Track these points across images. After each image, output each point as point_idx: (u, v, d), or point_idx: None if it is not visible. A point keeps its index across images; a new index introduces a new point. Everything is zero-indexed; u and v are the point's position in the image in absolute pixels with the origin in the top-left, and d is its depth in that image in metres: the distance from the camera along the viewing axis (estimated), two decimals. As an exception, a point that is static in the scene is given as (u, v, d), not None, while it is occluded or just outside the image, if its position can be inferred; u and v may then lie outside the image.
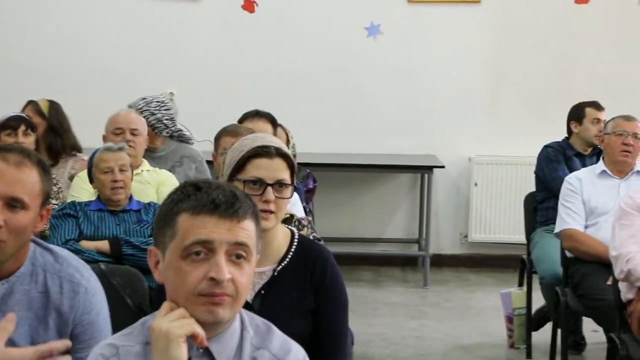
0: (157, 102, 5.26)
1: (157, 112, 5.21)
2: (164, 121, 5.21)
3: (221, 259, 1.82)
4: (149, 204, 4.23)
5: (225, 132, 4.21)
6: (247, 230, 1.87)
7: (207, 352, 1.87)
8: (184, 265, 1.83)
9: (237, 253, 1.85)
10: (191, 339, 1.83)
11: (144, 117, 5.03)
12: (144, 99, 5.27)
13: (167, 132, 5.25)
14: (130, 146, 4.51)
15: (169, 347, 1.79)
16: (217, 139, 4.26)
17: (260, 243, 1.93)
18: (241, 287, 1.85)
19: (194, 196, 1.86)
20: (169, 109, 5.29)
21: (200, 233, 1.83)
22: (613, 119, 5.01)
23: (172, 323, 1.81)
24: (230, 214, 1.85)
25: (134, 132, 4.68)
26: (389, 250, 7.55)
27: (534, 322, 5.33)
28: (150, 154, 5.03)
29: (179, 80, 7.25)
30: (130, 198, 4.20)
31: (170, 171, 4.89)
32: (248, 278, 1.88)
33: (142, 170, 4.63)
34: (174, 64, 7.32)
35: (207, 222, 1.84)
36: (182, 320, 1.82)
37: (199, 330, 1.82)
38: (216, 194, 1.86)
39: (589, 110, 5.58)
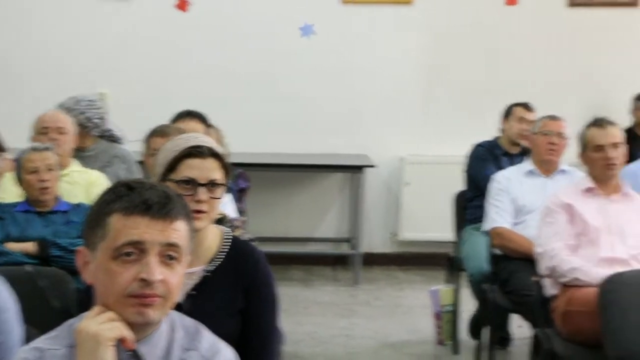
0: (87, 101, 5.21)
1: (87, 111, 5.15)
2: (94, 120, 5.16)
3: (153, 260, 1.81)
4: (78, 204, 4.18)
5: (155, 133, 4.18)
6: (179, 231, 1.86)
7: (136, 354, 1.85)
8: (115, 266, 1.81)
9: (169, 254, 1.84)
10: (120, 342, 1.81)
11: (73, 115, 4.97)
12: (73, 98, 5.21)
13: (97, 132, 5.20)
14: (57, 145, 4.46)
15: (97, 349, 1.78)
16: (147, 139, 4.23)
17: (192, 244, 1.93)
18: (172, 288, 1.84)
19: (126, 197, 1.85)
20: (98, 109, 5.25)
21: (132, 234, 1.81)
22: (540, 119, 5.11)
23: (101, 326, 1.79)
24: (162, 214, 1.84)
25: (60, 131, 4.63)
26: (320, 249, 7.57)
27: (470, 330, 5.37)
28: (79, 153, 4.97)
29: (111, 80, 7.16)
30: (59, 199, 4.16)
31: (100, 171, 4.84)
32: (179, 279, 1.87)
33: (70, 171, 4.58)
34: (106, 64, 7.22)
35: (139, 222, 1.82)
36: (112, 323, 1.80)
37: (128, 334, 1.81)
38: (149, 194, 1.85)
39: (516, 109, 5.66)
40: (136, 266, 1.81)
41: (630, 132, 6.90)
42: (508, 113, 5.70)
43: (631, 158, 5.05)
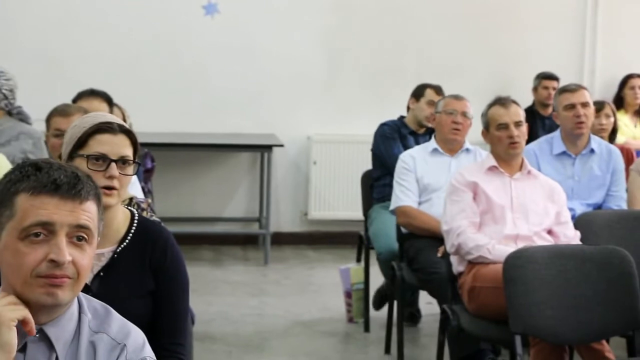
0: None
1: (1, 78, 5.03)
2: (4, 91, 5.03)
3: (62, 241, 1.79)
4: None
5: (56, 112, 4.10)
6: (88, 212, 1.84)
7: (44, 336, 1.83)
8: (22, 247, 1.79)
9: (78, 235, 1.82)
10: (21, 325, 1.79)
11: None
12: None
13: (6, 105, 5.07)
14: None
15: (0, 331, 1.76)
16: (48, 119, 4.15)
17: (101, 225, 1.91)
18: (82, 269, 1.82)
19: (33, 176, 1.81)
20: (9, 79, 5.10)
21: (40, 214, 1.79)
22: (443, 98, 5.15)
23: (3, 307, 1.77)
24: (72, 195, 1.81)
25: None
26: (229, 229, 7.56)
27: (374, 302, 5.44)
28: None
29: (8, 58, 6.98)
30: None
31: (5, 145, 4.73)
32: (89, 260, 1.85)
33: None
34: (4, 44, 7.03)
35: (47, 203, 1.79)
36: (14, 305, 1.78)
37: (30, 317, 1.79)
38: (57, 174, 1.82)
39: (428, 92, 5.59)
40: (45, 247, 1.78)
41: (531, 111, 7.06)
42: (419, 94, 5.64)
43: (532, 136, 5.16)
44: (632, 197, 4.88)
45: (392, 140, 5.54)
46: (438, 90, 5.63)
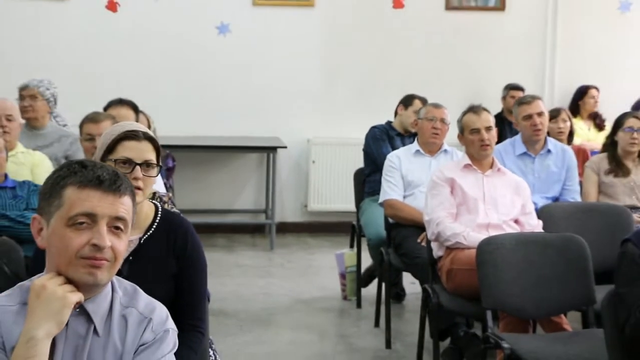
0: (47, 81, 5.20)
1: (50, 87, 5.20)
2: (54, 98, 5.16)
3: (103, 229, 1.82)
4: (23, 182, 4.10)
5: (87, 119, 4.10)
6: (125, 205, 1.87)
7: (84, 311, 1.86)
8: (69, 232, 1.81)
9: (116, 225, 1.85)
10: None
11: (40, 92, 5.05)
12: (34, 79, 5.21)
13: (53, 111, 5.21)
14: (5, 132, 4.37)
15: (63, 310, 1.79)
16: (81, 125, 4.15)
17: (135, 217, 1.94)
18: (118, 254, 1.85)
19: (80, 172, 1.85)
20: (55, 88, 5.21)
21: (85, 205, 1.82)
22: (425, 106, 5.16)
23: (67, 292, 1.80)
24: (113, 189, 1.84)
25: (9, 118, 4.52)
26: (240, 219, 7.54)
27: (363, 280, 5.44)
28: (34, 131, 5.04)
29: (50, 72, 6.97)
30: (6, 176, 4.06)
31: (49, 146, 4.87)
32: (124, 246, 1.88)
33: (16, 152, 4.47)
34: (41, 60, 7.00)
35: (92, 196, 1.82)
36: (73, 288, 1.82)
37: (83, 299, 1.84)
38: (101, 171, 1.86)
39: (416, 102, 5.55)
40: (88, 233, 1.81)
41: (500, 117, 7.06)
42: (408, 103, 5.60)
43: (501, 139, 5.17)
44: (586, 191, 4.91)
45: (381, 141, 5.54)
46: (424, 101, 5.60)
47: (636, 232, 2.83)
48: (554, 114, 5.52)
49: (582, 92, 7.47)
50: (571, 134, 5.67)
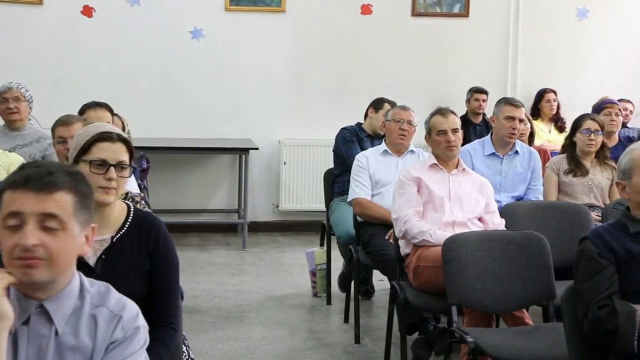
0: (22, 85, 5.18)
1: (28, 90, 5.19)
2: (32, 99, 5.16)
3: (27, 228, 1.77)
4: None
5: (59, 123, 4.05)
6: (59, 201, 1.80)
7: (44, 311, 1.83)
8: (5, 234, 1.79)
9: (48, 222, 1.79)
10: (29, 298, 1.81)
11: (22, 94, 5.10)
12: (11, 82, 5.20)
13: (30, 114, 5.18)
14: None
15: None
16: (53, 129, 4.10)
17: (84, 212, 1.85)
18: (55, 252, 1.79)
19: (16, 174, 1.83)
20: (29, 91, 5.20)
21: (12, 205, 1.79)
22: (393, 108, 5.16)
23: None
24: (39, 186, 1.79)
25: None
26: (213, 219, 7.51)
27: (340, 285, 5.39)
28: (15, 132, 5.04)
29: (24, 75, 6.89)
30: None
31: (28, 146, 4.89)
32: (64, 244, 1.80)
33: (-5, 154, 4.42)
34: (17, 64, 6.91)
35: (19, 195, 1.79)
36: (3, 275, 1.79)
37: (13, 280, 1.79)
38: (31, 170, 1.81)
39: (386, 105, 5.51)
40: (18, 233, 1.78)
41: (464, 119, 7.09)
42: (378, 107, 5.57)
43: (465, 140, 5.18)
44: (547, 190, 4.94)
45: (351, 142, 5.53)
46: (393, 104, 5.60)
47: (594, 230, 2.86)
48: None
49: (540, 96, 7.53)
50: (532, 135, 5.71)
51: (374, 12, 7.50)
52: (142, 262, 2.49)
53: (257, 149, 7.09)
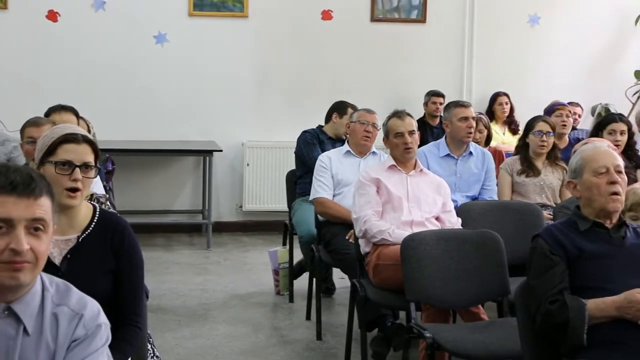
0: None
1: None
2: None
3: (20, 233, 1.75)
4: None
5: (29, 123, 4.03)
6: (43, 206, 1.80)
7: (12, 313, 1.80)
8: None
9: (35, 226, 1.78)
10: None
11: None
12: None
13: None
14: None
15: None
16: (22, 129, 4.06)
17: (56, 216, 1.87)
18: (40, 255, 1.80)
19: None
20: None
21: (0, 212, 1.75)
22: (358, 111, 5.15)
23: None
24: (27, 193, 1.77)
25: None
26: (178, 219, 7.46)
27: (294, 272, 5.42)
28: None
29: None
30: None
31: None
32: (46, 246, 1.82)
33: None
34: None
35: (6, 201, 1.75)
36: None
37: None
38: (14, 176, 1.78)
39: (350, 110, 5.49)
40: (6, 238, 1.75)
41: (422, 122, 7.14)
42: (342, 112, 5.54)
43: (423, 142, 5.22)
44: (501, 191, 4.99)
45: (312, 145, 5.53)
46: (355, 108, 5.59)
47: (546, 228, 2.89)
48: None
49: (493, 99, 7.60)
50: (489, 137, 5.76)
51: (334, 17, 7.52)
52: (107, 261, 2.47)
53: (220, 151, 7.06)
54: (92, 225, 2.49)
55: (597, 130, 4.96)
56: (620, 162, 2.85)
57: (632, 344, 2.54)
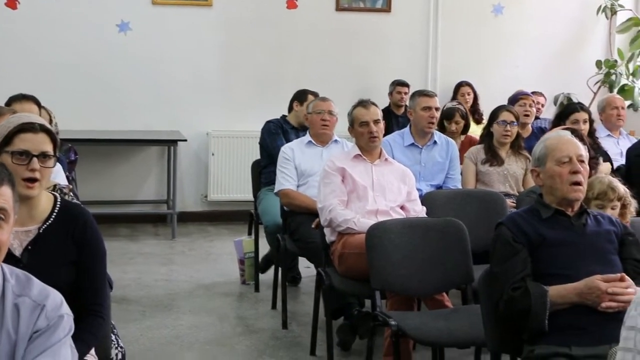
0: None
1: None
2: None
3: None
4: None
5: None
6: (4, 195, 1.79)
7: None
8: None
9: None
10: None
11: None
12: None
13: None
14: None
15: None
16: None
17: (17, 205, 1.85)
18: (2, 244, 1.79)
19: None
20: None
21: None
22: (312, 101, 5.16)
23: None
24: None
25: None
26: (142, 210, 7.40)
27: (261, 266, 5.40)
28: None
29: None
30: None
31: None
32: (7, 236, 1.81)
33: None
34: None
35: None
36: None
37: None
38: None
39: (310, 97, 5.48)
40: None
41: (387, 111, 7.16)
42: (302, 99, 5.54)
43: (388, 131, 5.23)
44: (465, 179, 5.03)
45: (276, 135, 5.52)
46: (317, 97, 5.60)
47: (509, 216, 2.93)
48: (449, 115, 5.61)
49: (457, 89, 7.65)
50: (466, 127, 5.77)
51: (299, 6, 7.50)
52: (69, 252, 2.45)
53: (185, 140, 7.01)
54: (53, 216, 2.46)
55: (559, 120, 5.01)
56: (583, 151, 2.89)
57: (592, 329, 2.59)
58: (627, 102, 7.20)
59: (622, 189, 3.24)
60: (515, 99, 6.03)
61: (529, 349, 2.68)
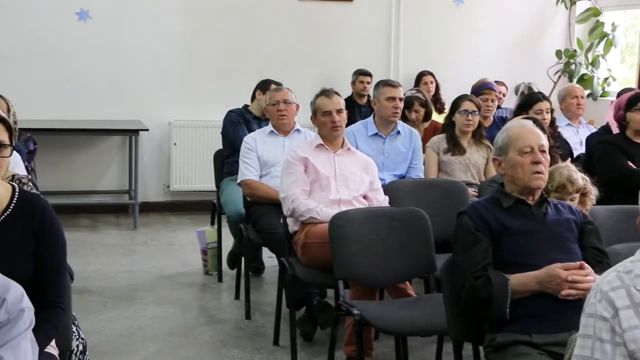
0: None
1: None
2: None
3: None
4: None
5: None
6: None
7: None
8: None
9: None
10: None
11: None
12: None
13: None
14: None
15: None
16: None
17: None
18: None
19: None
20: None
21: None
22: (268, 93, 5.12)
23: None
24: None
25: None
26: (104, 200, 7.33)
27: (229, 262, 5.35)
28: None
29: None
30: None
31: None
32: None
33: None
34: None
35: None
36: None
37: None
38: None
39: (273, 86, 5.42)
40: None
41: (350, 100, 7.16)
42: (265, 88, 5.50)
43: (350, 121, 5.23)
44: (427, 169, 5.05)
45: (238, 124, 5.49)
46: (277, 85, 5.59)
47: (470, 205, 2.94)
48: (409, 104, 5.62)
49: (418, 78, 7.67)
50: (428, 115, 5.79)
51: (261, -5, 7.47)
52: (28, 243, 2.41)
53: (147, 130, 6.95)
54: (11, 207, 2.42)
55: (521, 110, 5.05)
56: (545, 141, 2.91)
57: (552, 316, 2.61)
58: (587, 92, 7.30)
59: (581, 181, 3.27)
60: (478, 92, 6.05)
61: (490, 337, 2.70)
